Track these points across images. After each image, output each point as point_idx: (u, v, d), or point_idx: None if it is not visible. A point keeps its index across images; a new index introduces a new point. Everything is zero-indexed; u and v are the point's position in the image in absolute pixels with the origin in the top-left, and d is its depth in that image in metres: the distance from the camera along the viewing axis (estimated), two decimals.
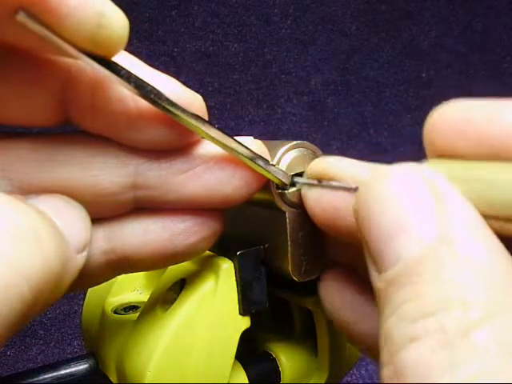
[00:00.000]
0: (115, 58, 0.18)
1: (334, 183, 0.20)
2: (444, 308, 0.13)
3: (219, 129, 0.20)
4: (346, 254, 0.23)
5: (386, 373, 0.14)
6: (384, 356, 0.14)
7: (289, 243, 0.23)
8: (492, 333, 0.13)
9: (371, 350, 0.22)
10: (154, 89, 0.18)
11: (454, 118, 0.17)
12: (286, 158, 0.23)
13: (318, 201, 0.21)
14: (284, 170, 0.22)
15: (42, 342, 0.72)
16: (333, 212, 0.20)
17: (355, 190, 0.19)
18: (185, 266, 0.25)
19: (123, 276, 0.31)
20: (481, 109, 0.17)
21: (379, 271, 0.15)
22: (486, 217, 0.15)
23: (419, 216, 0.15)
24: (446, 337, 0.13)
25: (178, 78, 0.20)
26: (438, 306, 0.14)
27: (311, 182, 0.21)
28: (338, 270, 0.23)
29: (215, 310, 0.23)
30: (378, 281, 0.16)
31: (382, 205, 0.16)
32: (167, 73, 0.20)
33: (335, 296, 0.23)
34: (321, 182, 0.21)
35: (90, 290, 0.33)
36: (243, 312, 0.24)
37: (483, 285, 0.14)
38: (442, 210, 0.15)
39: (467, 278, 0.14)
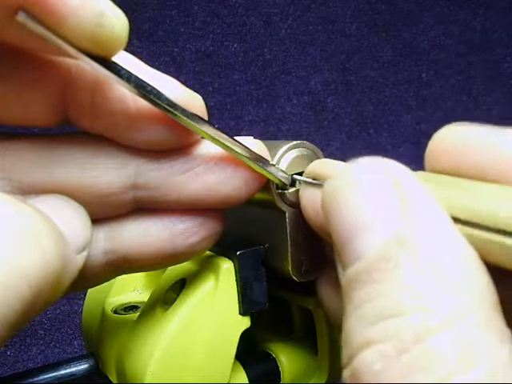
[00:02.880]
0: (115, 58, 0.18)
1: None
2: (401, 313, 0.13)
3: (219, 129, 0.20)
4: None
5: (345, 375, 0.14)
6: (344, 357, 0.14)
7: (289, 243, 0.23)
8: (449, 340, 0.12)
9: None
10: (154, 89, 0.18)
11: (452, 144, 0.17)
12: (286, 158, 0.23)
13: (312, 201, 0.21)
14: (284, 170, 0.22)
15: (41, 342, 0.72)
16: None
17: None
18: (185, 266, 0.25)
19: (123, 276, 0.31)
20: (477, 136, 0.16)
21: (343, 268, 0.15)
22: (459, 221, 0.15)
23: (381, 213, 0.15)
24: (400, 343, 0.13)
25: (178, 78, 0.20)
26: (395, 311, 0.13)
27: (307, 179, 0.21)
28: (335, 268, 0.23)
29: (215, 309, 0.23)
30: (342, 278, 0.15)
31: (346, 201, 0.15)
32: (167, 73, 0.20)
33: (333, 294, 0.23)
34: (315, 180, 0.21)
35: (89, 290, 0.33)
36: (243, 312, 0.24)
37: (444, 290, 0.13)
38: (405, 208, 0.14)
39: (426, 283, 0.13)
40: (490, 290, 0.14)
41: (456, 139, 0.17)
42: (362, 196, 0.15)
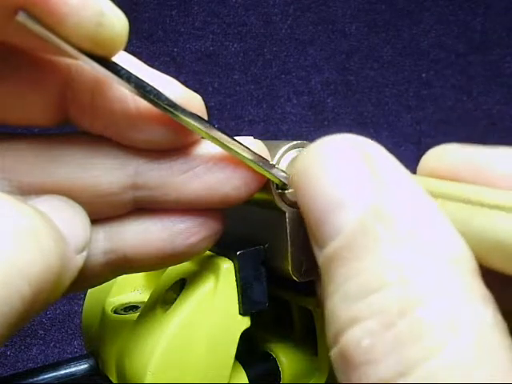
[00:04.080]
0: (115, 59, 0.18)
1: None
2: (383, 287, 0.13)
3: (219, 129, 0.20)
4: None
5: (333, 354, 0.14)
6: (330, 336, 0.14)
7: (289, 243, 0.23)
8: (434, 310, 0.13)
9: None
10: (154, 89, 0.18)
11: (442, 166, 0.17)
12: (286, 158, 0.23)
13: None
14: (284, 170, 0.22)
15: (41, 342, 0.72)
16: None
17: None
18: (185, 266, 0.25)
19: (123, 276, 0.31)
20: (468, 158, 0.16)
21: (320, 247, 0.15)
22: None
23: (354, 188, 0.14)
24: (386, 317, 0.13)
25: (177, 78, 0.20)
26: (377, 285, 0.13)
27: None
28: None
29: (215, 310, 0.23)
30: (320, 257, 0.15)
31: (318, 178, 0.15)
32: (167, 73, 0.20)
33: None
34: None
35: (89, 290, 0.33)
36: (243, 312, 0.24)
37: (424, 261, 0.13)
38: (377, 181, 0.14)
39: (406, 255, 0.13)
40: (469, 255, 0.14)
41: (446, 161, 0.17)
42: (333, 172, 0.15)
